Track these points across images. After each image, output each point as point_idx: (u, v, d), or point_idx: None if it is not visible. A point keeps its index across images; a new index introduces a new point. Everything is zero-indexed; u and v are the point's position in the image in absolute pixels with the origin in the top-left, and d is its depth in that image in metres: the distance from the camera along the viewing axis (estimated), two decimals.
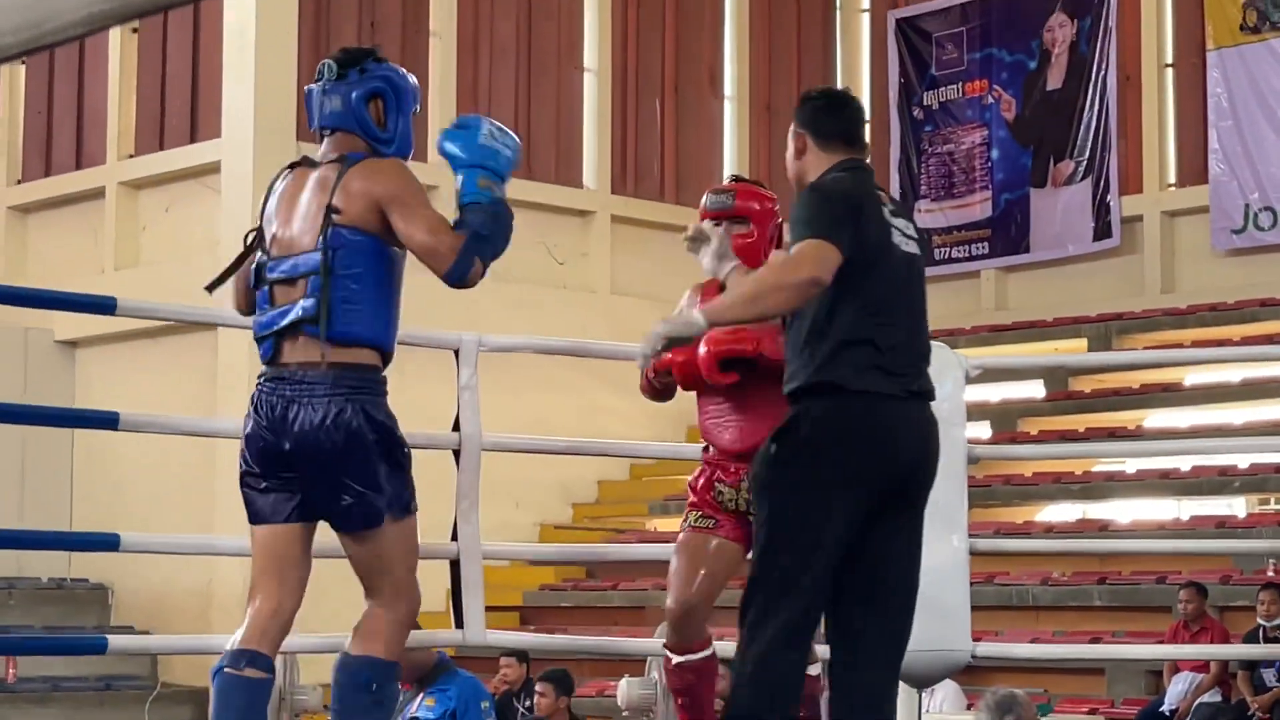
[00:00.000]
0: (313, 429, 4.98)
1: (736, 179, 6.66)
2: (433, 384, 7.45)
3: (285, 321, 5.11)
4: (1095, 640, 11.26)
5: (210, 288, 5.45)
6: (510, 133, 5.49)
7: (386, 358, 5.28)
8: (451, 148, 5.31)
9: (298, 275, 5.14)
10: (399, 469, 5.18)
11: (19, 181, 18.06)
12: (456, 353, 6.61)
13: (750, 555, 5.33)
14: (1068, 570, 13.65)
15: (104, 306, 6.69)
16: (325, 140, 5.37)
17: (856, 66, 20.68)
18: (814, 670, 5.79)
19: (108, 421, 6.69)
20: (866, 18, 20.59)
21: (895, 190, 19.22)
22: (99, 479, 15.31)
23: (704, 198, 6.23)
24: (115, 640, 8.66)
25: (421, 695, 8.78)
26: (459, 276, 5.08)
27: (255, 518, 5.22)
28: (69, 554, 15.27)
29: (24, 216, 17.86)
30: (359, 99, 5.30)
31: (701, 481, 6.11)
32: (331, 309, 5.00)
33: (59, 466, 15.75)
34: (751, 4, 20.06)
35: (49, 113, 18.23)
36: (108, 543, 6.69)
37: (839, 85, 20.74)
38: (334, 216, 5.09)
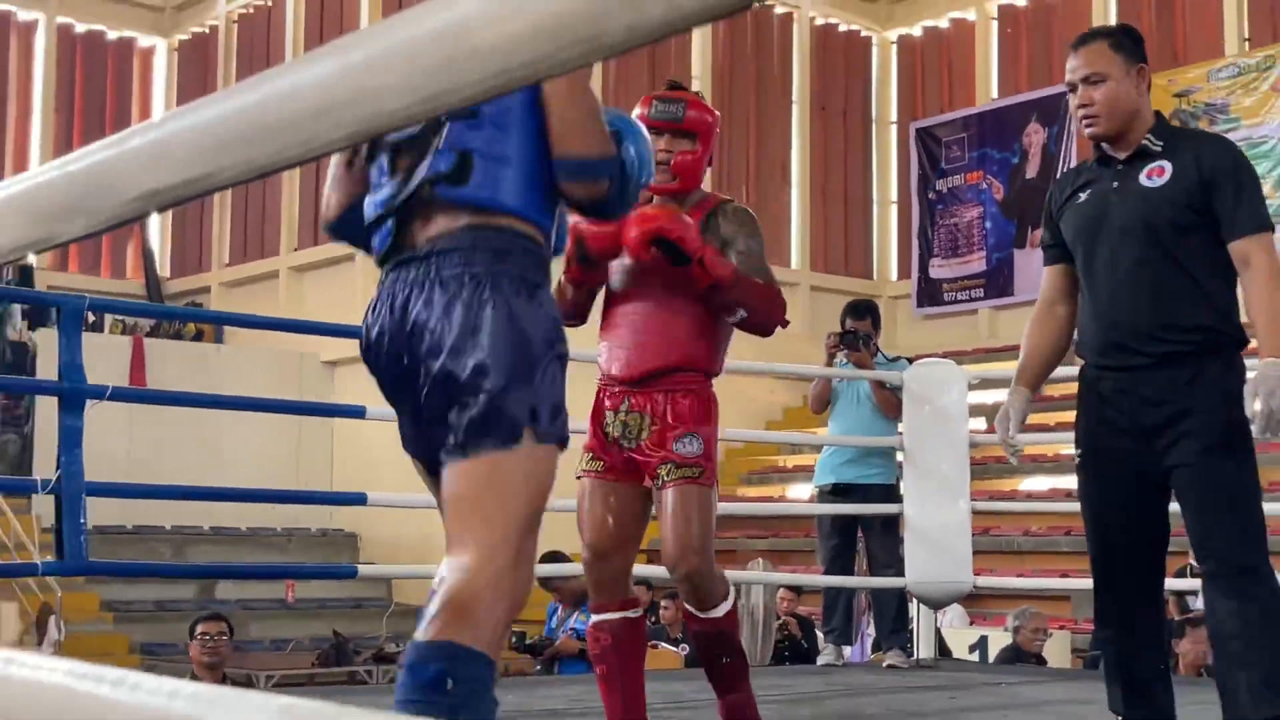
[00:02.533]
0: (439, 314, 2.49)
1: (677, 85, 4.35)
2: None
3: (414, 183, 2.62)
4: (1063, 575, 11.10)
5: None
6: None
7: (548, 241, 2.72)
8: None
9: (429, 129, 2.64)
10: (553, 377, 2.57)
11: (295, 249, 18.16)
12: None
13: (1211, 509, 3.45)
14: (1042, 525, 13.48)
15: (356, 334, 6.69)
16: None
17: (888, 161, 20.49)
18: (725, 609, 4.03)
19: (358, 413, 6.62)
20: (894, 127, 20.47)
21: (915, 250, 19.21)
22: (352, 461, 15.39)
23: (650, 105, 4.09)
24: (363, 570, 8.70)
25: (577, 612, 8.79)
26: (615, 204, 2.84)
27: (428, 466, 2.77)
28: (330, 510, 15.45)
29: (300, 275, 17.99)
30: None
31: (592, 410, 4.05)
32: (474, 163, 2.61)
33: (323, 451, 15.91)
34: (812, 117, 19.98)
35: (316, 188, 18.32)
36: (358, 499, 6.66)
37: (874, 175, 20.72)
38: None
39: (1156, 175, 3.44)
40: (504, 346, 2.45)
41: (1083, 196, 3.55)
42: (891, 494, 6.63)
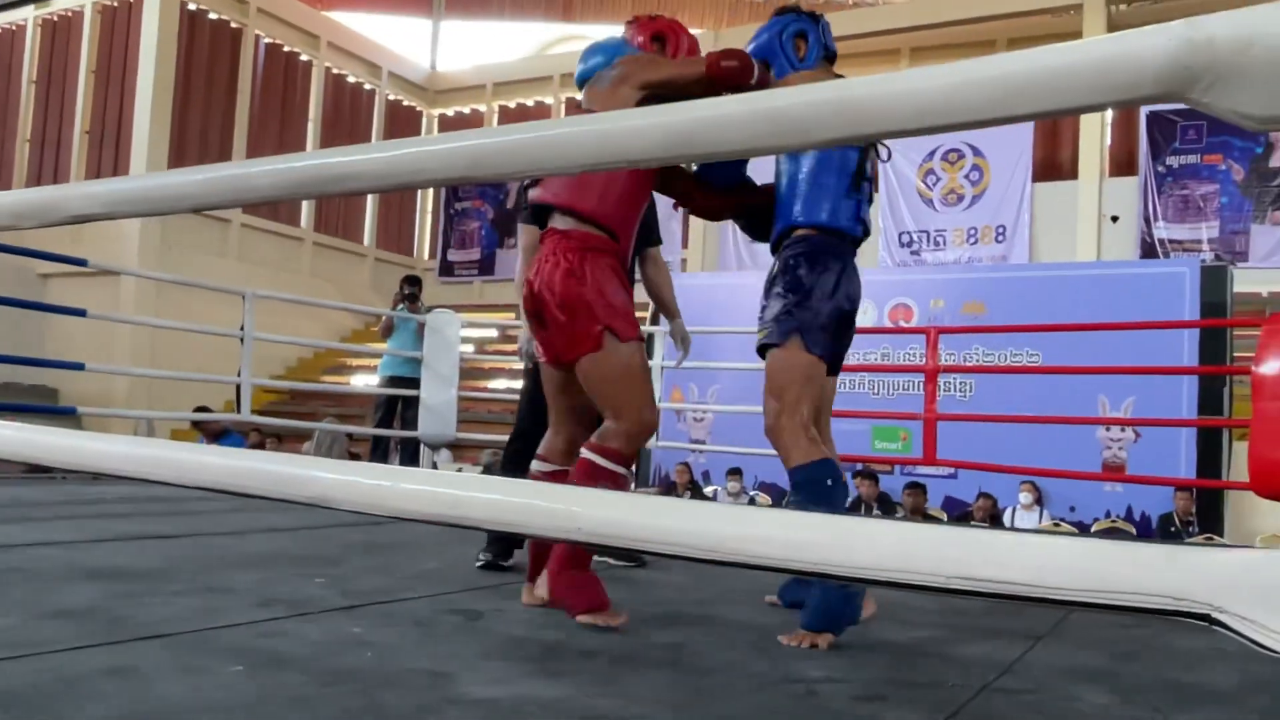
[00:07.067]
0: None
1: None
2: None
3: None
4: (507, 436, 11.52)
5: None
6: None
7: None
8: None
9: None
10: None
11: None
12: None
13: None
14: (497, 408, 13.85)
15: (78, 261, 6.12)
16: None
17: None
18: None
19: (80, 313, 6.07)
20: None
21: (441, 240, 19.10)
22: (63, 342, 13.99)
23: None
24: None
25: (216, 443, 8.56)
26: None
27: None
28: (39, 371, 13.96)
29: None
30: None
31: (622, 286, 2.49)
32: None
33: (35, 335, 14.35)
34: None
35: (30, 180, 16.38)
36: (79, 366, 6.23)
37: None
38: None
39: None
40: None
41: None
42: (417, 384, 6.96)
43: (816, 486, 2.29)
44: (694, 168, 2.68)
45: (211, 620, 2.16)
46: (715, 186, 2.62)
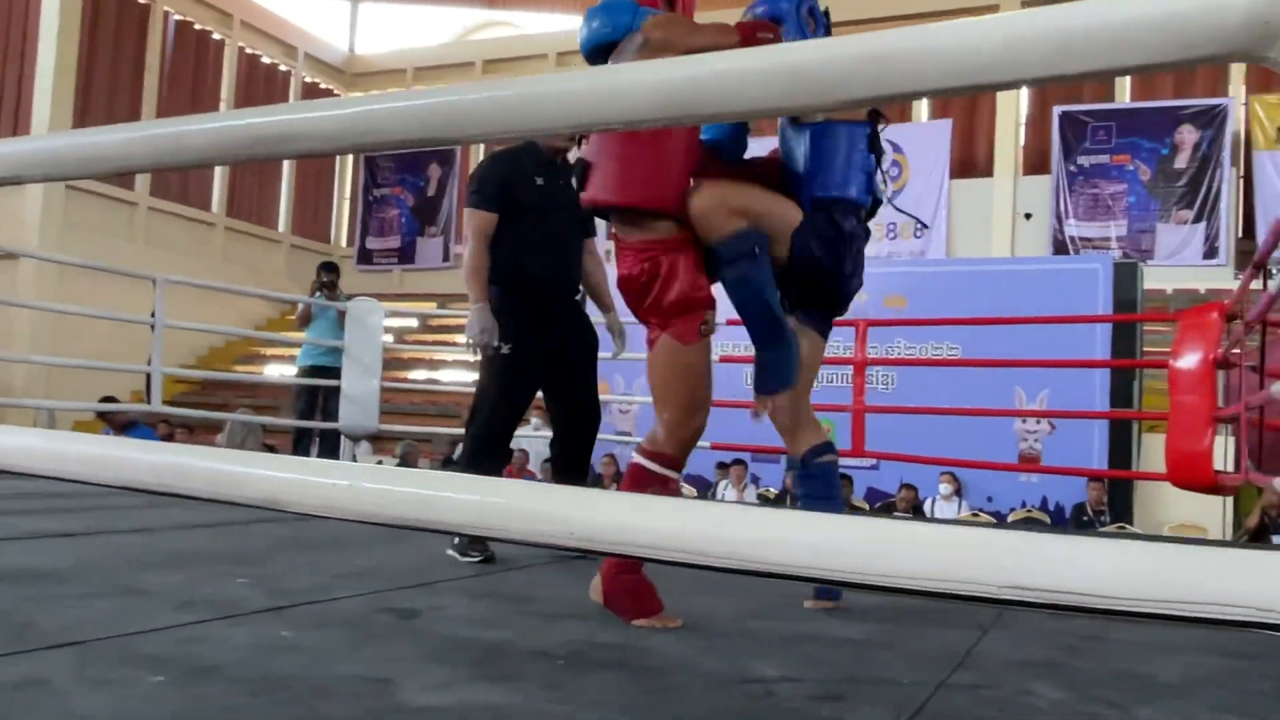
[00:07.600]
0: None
1: None
2: None
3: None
4: (428, 427, 11.43)
5: None
6: None
7: None
8: None
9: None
10: None
11: None
12: None
13: None
14: (419, 399, 13.72)
15: None
16: None
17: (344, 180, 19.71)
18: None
19: None
20: None
21: (360, 227, 18.66)
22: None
23: None
24: None
25: (124, 434, 8.23)
26: None
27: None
28: None
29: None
30: None
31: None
32: None
33: None
34: None
35: None
36: None
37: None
38: None
39: None
40: None
41: None
42: (338, 374, 6.78)
43: (834, 468, 2.59)
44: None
45: (128, 625, 2.01)
46: (728, 157, 2.57)
